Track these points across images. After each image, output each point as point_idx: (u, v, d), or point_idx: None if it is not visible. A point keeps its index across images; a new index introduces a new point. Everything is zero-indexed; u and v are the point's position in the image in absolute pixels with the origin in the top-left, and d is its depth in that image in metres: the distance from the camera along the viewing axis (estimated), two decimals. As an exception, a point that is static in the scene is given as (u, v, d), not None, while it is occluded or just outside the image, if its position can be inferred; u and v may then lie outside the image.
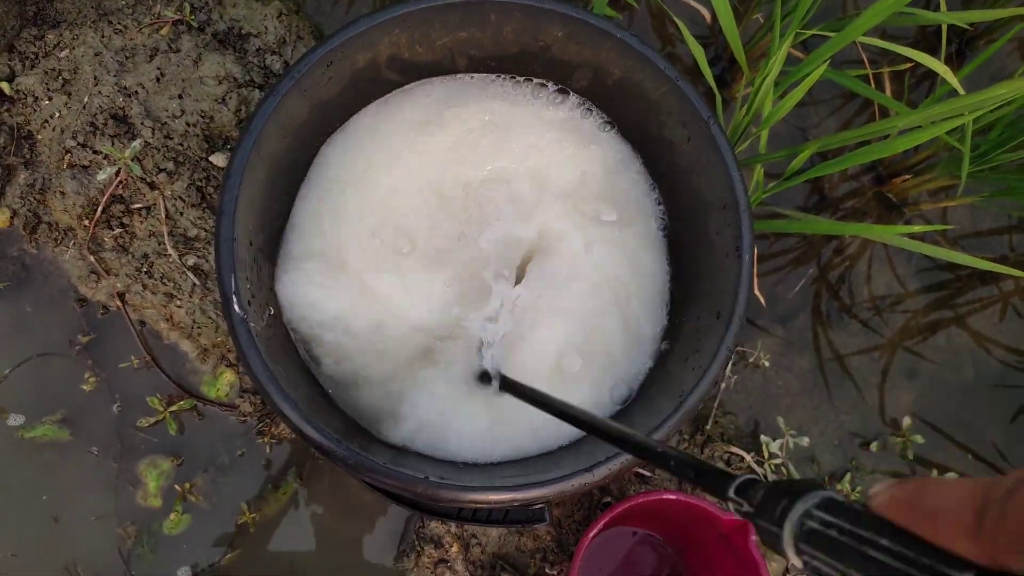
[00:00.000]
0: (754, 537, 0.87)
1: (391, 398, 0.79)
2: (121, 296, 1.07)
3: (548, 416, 0.63)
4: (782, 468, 1.13)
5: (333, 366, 0.79)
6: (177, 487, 1.06)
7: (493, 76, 0.86)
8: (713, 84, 0.97)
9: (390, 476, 0.66)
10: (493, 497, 0.66)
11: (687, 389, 0.70)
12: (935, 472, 1.20)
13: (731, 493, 0.35)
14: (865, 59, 1.20)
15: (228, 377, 1.08)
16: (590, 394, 0.79)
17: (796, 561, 0.29)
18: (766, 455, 1.12)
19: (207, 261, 1.06)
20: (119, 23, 1.08)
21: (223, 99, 1.05)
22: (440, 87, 0.85)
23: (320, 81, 0.75)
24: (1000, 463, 1.24)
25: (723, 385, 1.18)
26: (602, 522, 0.87)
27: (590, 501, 1.09)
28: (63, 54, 1.06)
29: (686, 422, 0.71)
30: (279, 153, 0.75)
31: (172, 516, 1.05)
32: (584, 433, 0.77)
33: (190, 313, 1.06)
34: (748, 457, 1.12)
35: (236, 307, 0.66)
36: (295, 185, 0.82)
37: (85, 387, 1.07)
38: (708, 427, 1.13)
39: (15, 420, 1.06)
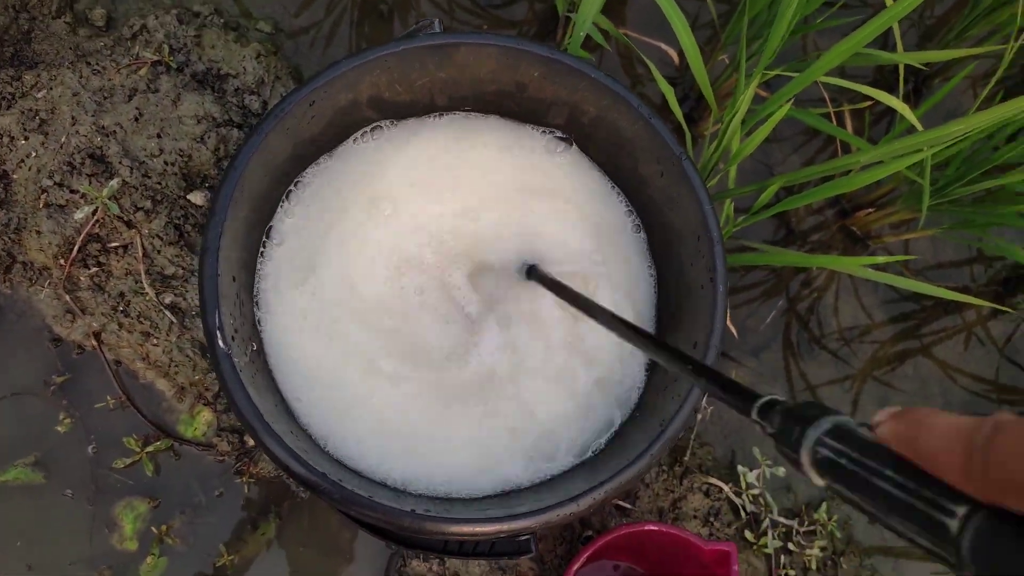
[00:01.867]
0: (735, 567, 0.88)
1: (372, 431, 0.79)
2: (97, 335, 1.06)
3: (530, 450, 0.64)
4: (760, 499, 1.14)
5: (311, 401, 0.79)
6: (154, 529, 1.04)
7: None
8: (683, 121, 1.00)
9: (376, 510, 0.66)
10: (479, 529, 0.66)
11: (667, 417, 0.71)
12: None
13: (754, 415, 0.36)
14: (827, 97, 1.24)
15: (205, 416, 1.08)
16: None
17: (820, 482, 0.30)
18: (744, 485, 1.14)
19: (184, 299, 1.06)
20: (97, 64, 1.09)
21: (202, 138, 1.06)
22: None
23: (302, 120, 0.76)
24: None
25: (699, 416, 1.19)
26: (585, 555, 0.88)
27: (572, 535, 1.10)
28: (40, 94, 1.07)
29: (669, 448, 0.72)
30: (261, 191, 0.77)
31: (148, 560, 1.03)
32: (568, 467, 0.78)
33: (167, 351, 1.05)
34: (726, 488, 1.13)
35: (220, 342, 0.67)
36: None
37: (60, 428, 1.05)
38: (686, 458, 1.15)
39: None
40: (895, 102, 0.91)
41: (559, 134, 0.88)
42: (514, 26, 1.33)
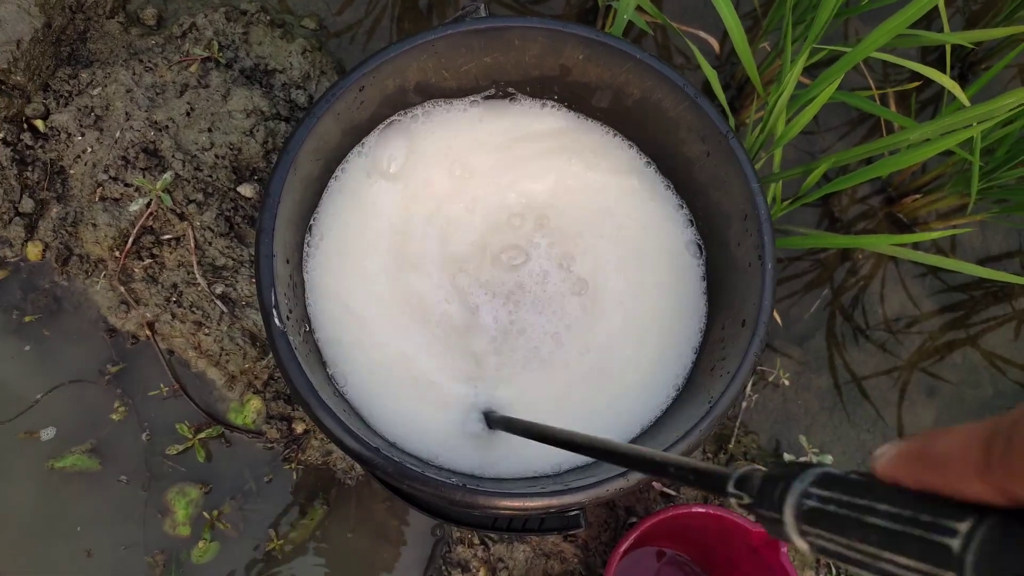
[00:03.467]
0: (784, 550, 0.88)
1: (420, 411, 0.80)
2: (150, 325, 1.09)
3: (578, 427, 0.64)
4: (806, 486, 1.13)
5: (359, 384, 0.81)
6: (206, 515, 1.06)
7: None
8: (726, 105, 1.00)
9: (428, 483, 0.67)
10: (530, 504, 0.67)
11: (716, 395, 0.71)
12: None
13: (731, 488, 0.34)
14: (871, 81, 1.23)
15: (255, 404, 1.10)
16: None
17: (802, 544, 0.29)
18: (790, 473, 1.12)
19: (235, 289, 1.08)
20: (149, 61, 1.12)
21: (251, 132, 1.08)
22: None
23: (352, 105, 0.78)
24: None
25: (744, 404, 1.19)
26: (632, 536, 0.88)
27: (616, 522, 1.10)
28: (96, 92, 1.10)
29: (717, 425, 0.72)
30: (312, 174, 0.78)
31: (200, 544, 1.06)
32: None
33: (218, 341, 1.08)
34: (772, 475, 1.12)
35: (276, 321, 0.68)
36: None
37: (114, 416, 1.08)
38: (731, 446, 1.14)
39: (47, 435, 1.07)
40: (944, 79, 0.90)
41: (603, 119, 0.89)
42: (554, 18, 1.33)
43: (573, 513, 0.71)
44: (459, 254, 0.84)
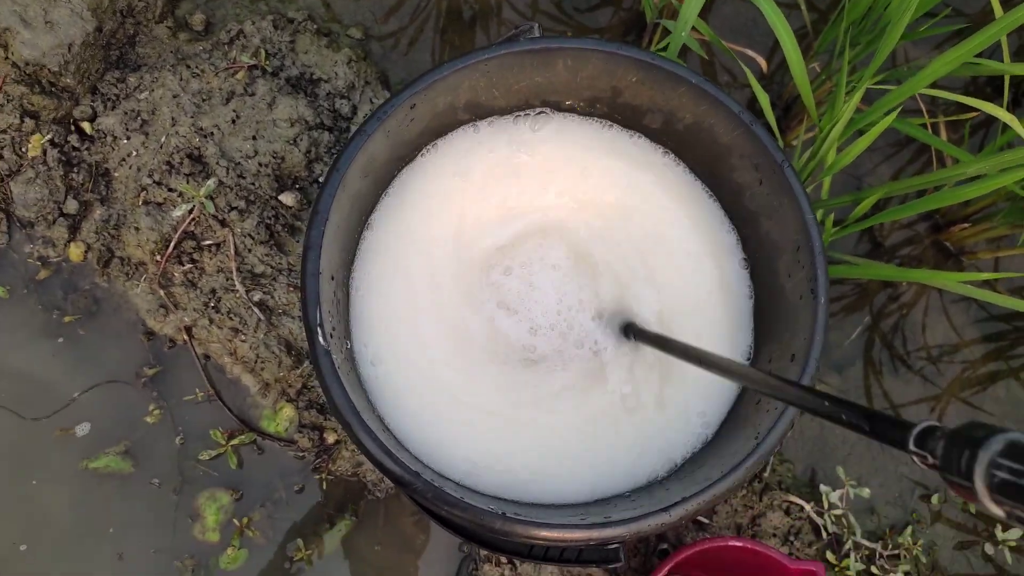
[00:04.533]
0: (823, 587, 0.86)
1: (459, 432, 0.80)
2: (188, 330, 1.09)
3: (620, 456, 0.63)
4: (843, 519, 1.11)
5: (394, 400, 0.80)
6: (235, 521, 1.06)
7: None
8: (776, 129, 0.98)
9: (467, 511, 0.66)
10: (569, 535, 0.66)
11: (763, 431, 0.69)
12: (999, 528, 1.17)
13: (911, 446, 0.33)
14: (924, 108, 1.21)
15: (287, 412, 1.10)
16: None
17: (998, 512, 0.27)
18: (826, 505, 1.10)
19: (272, 297, 1.08)
20: (196, 67, 1.12)
21: (294, 141, 1.08)
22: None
23: (403, 123, 0.77)
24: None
25: (781, 432, 1.17)
26: (667, 567, 0.86)
27: (647, 548, 1.08)
28: (143, 96, 1.11)
29: (764, 463, 0.70)
30: (361, 192, 0.78)
31: (229, 551, 1.06)
32: (659, 477, 0.77)
33: (254, 348, 1.08)
34: (808, 507, 1.10)
35: (320, 339, 0.68)
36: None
37: (149, 419, 1.09)
38: (766, 475, 1.12)
39: (82, 430, 1.08)
40: (1004, 114, 0.88)
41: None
42: (599, 32, 1.32)
43: (613, 546, 0.70)
44: (506, 273, 0.83)
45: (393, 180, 0.86)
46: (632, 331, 0.76)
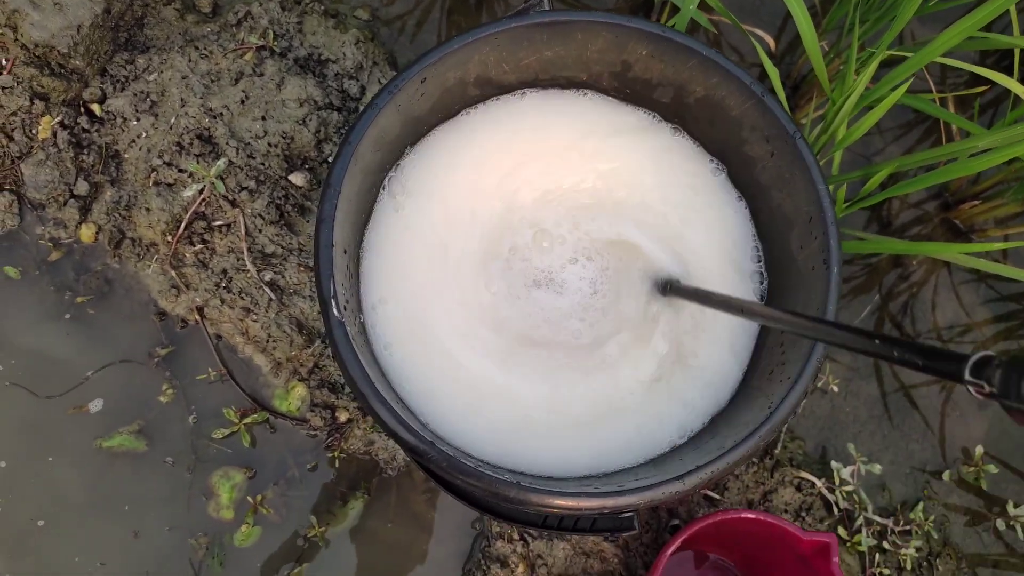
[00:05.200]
0: (836, 559, 0.86)
1: (468, 406, 0.80)
2: (200, 310, 1.10)
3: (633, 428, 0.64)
4: (854, 495, 1.11)
5: (412, 377, 0.80)
6: (249, 499, 1.07)
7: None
8: (786, 104, 0.98)
9: (481, 479, 0.66)
10: (584, 504, 0.66)
11: (776, 401, 0.69)
12: (1011, 504, 1.17)
13: (967, 376, 0.34)
14: (932, 85, 1.20)
15: (299, 391, 1.10)
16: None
17: None
18: (837, 481, 1.11)
19: (283, 277, 1.09)
20: (205, 48, 1.12)
21: (303, 121, 1.08)
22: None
23: (413, 97, 0.77)
24: (1078, 496, 1.20)
25: (790, 409, 1.17)
26: (680, 539, 0.87)
27: (658, 523, 1.09)
28: (152, 77, 1.11)
29: (777, 431, 0.71)
30: (372, 166, 0.78)
31: (243, 528, 1.07)
32: (672, 446, 0.78)
33: (265, 327, 1.08)
34: (819, 483, 1.10)
35: (335, 310, 0.68)
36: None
37: (162, 398, 1.09)
38: (777, 451, 1.12)
39: (95, 406, 1.08)
40: (1014, 84, 0.88)
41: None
42: (608, 11, 1.32)
43: (627, 515, 0.70)
44: (519, 247, 0.83)
45: (405, 154, 0.86)
46: (670, 287, 0.77)
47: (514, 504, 0.68)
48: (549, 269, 0.82)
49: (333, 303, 0.69)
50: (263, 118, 1.08)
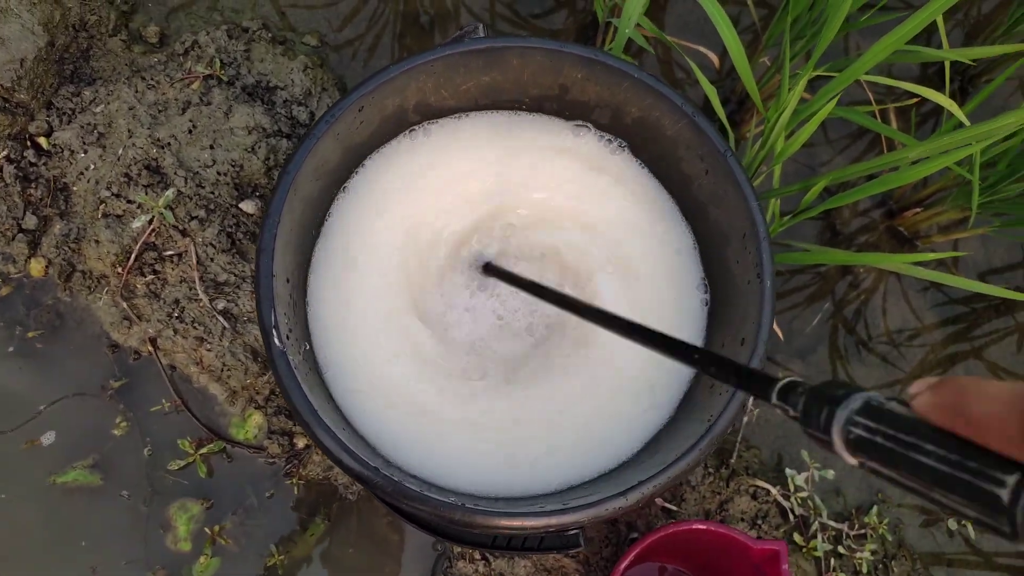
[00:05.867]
0: (785, 566, 0.87)
1: (420, 430, 0.80)
2: (153, 341, 1.10)
3: (572, 447, 0.65)
4: (808, 502, 1.13)
5: (361, 404, 0.81)
6: (207, 530, 1.07)
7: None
8: (726, 122, 1.00)
9: (427, 503, 0.67)
10: (529, 523, 0.67)
11: (715, 414, 0.71)
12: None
13: (775, 399, 0.35)
14: (871, 97, 1.23)
15: (256, 419, 1.10)
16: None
17: (853, 462, 0.29)
18: (792, 488, 1.12)
19: (237, 305, 1.09)
20: (152, 79, 1.13)
21: (252, 148, 1.09)
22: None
23: (352, 125, 0.78)
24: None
25: (746, 419, 1.18)
26: (632, 553, 0.87)
27: (617, 537, 1.09)
28: (98, 109, 1.11)
29: (717, 444, 0.72)
30: (313, 194, 0.79)
31: (202, 560, 1.06)
32: (615, 465, 0.79)
33: (220, 356, 1.08)
34: (774, 491, 1.12)
35: (276, 341, 0.69)
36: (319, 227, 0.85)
37: (116, 431, 1.08)
38: (733, 461, 1.14)
39: (48, 439, 1.07)
40: (942, 98, 0.90)
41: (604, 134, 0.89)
42: (554, 35, 1.34)
43: (572, 532, 0.71)
44: (462, 267, 0.84)
45: (348, 181, 0.87)
46: (490, 269, 0.79)
47: (461, 526, 0.69)
48: (485, 286, 0.83)
49: (275, 332, 0.69)
50: (211, 147, 1.08)
